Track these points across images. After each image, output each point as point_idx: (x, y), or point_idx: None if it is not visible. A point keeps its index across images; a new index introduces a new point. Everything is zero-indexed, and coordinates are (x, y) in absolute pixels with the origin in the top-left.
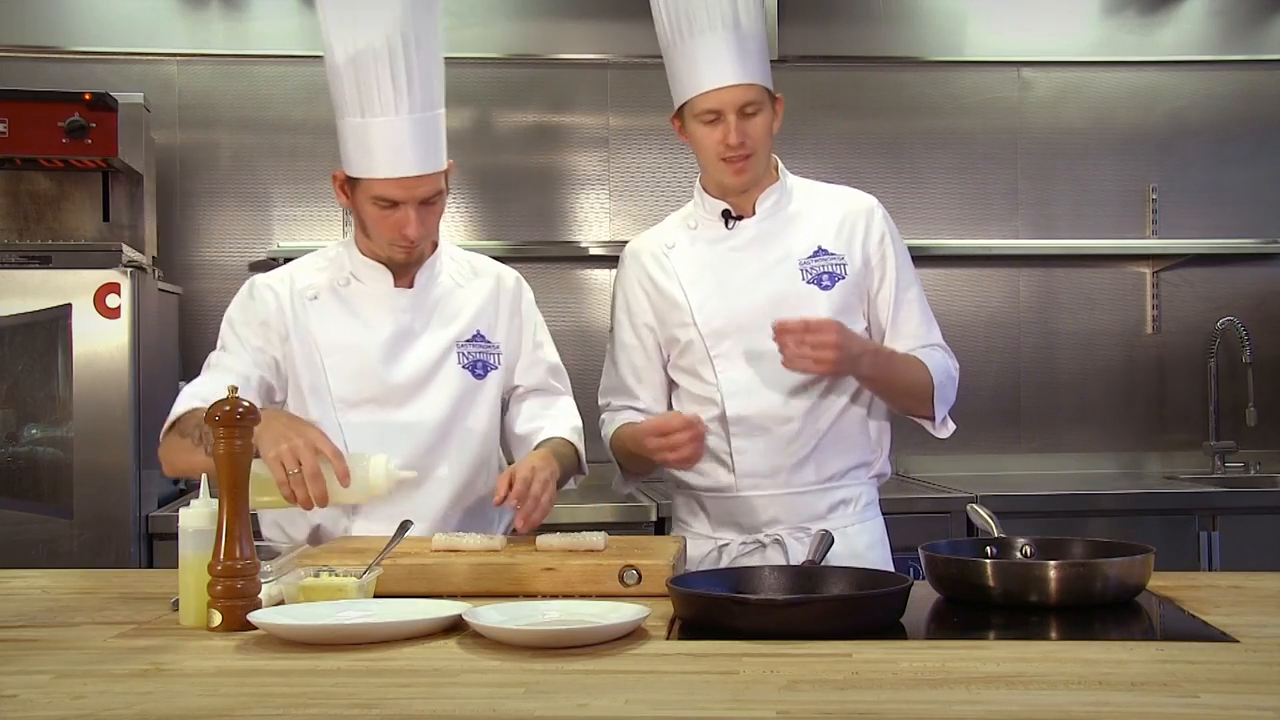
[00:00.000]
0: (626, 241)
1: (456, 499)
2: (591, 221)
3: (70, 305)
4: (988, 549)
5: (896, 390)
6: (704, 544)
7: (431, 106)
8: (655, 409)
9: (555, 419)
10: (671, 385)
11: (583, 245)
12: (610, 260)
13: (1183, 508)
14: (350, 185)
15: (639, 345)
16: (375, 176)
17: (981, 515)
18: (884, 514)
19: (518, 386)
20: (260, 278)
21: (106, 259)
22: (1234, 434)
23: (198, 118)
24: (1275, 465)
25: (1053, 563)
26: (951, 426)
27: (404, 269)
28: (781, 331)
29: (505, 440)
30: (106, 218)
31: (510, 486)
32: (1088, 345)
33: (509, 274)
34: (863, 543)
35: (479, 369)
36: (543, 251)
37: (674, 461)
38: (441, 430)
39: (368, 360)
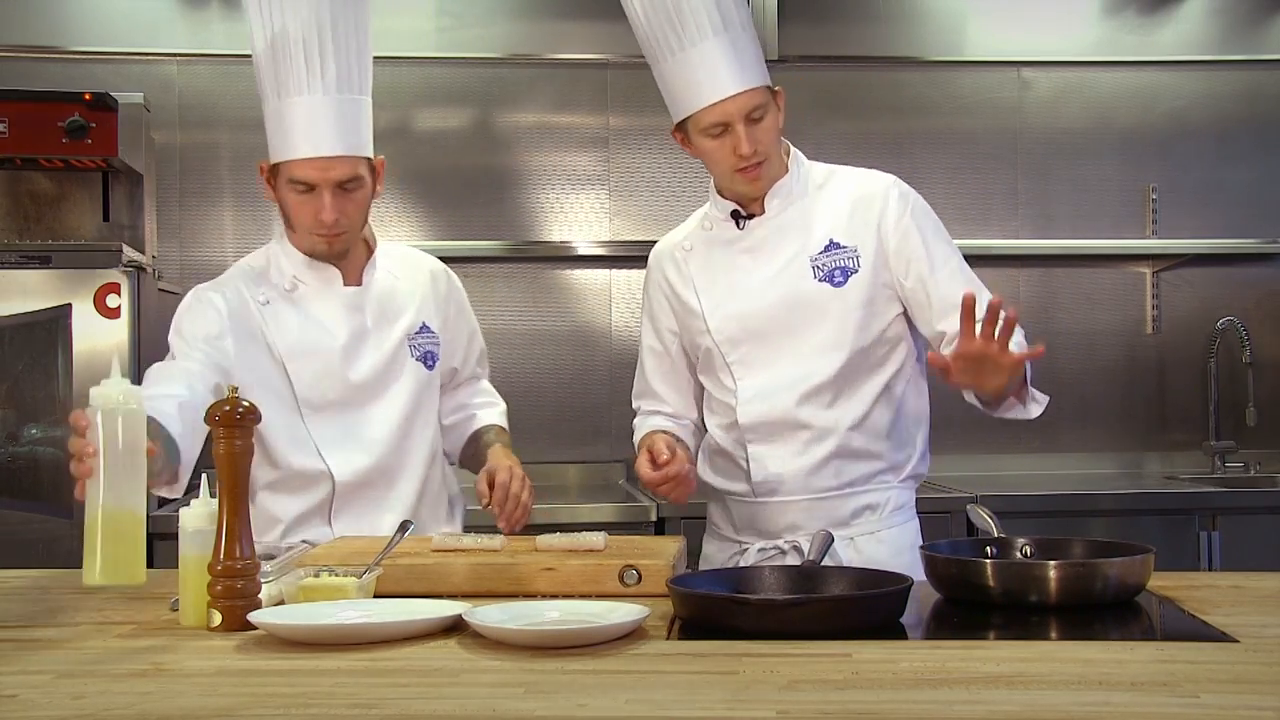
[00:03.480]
0: (626, 241)
1: (422, 491)
2: (591, 221)
3: (70, 305)
4: (988, 549)
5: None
6: (728, 547)
7: (351, 90)
8: (686, 413)
9: (484, 407)
10: (701, 388)
11: (583, 245)
12: (610, 260)
13: (1183, 508)
14: (274, 177)
15: (663, 350)
16: (290, 157)
17: (981, 515)
18: None
19: (457, 373)
20: (203, 288)
21: (106, 259)
22: (1234, 434)
23: (198, 118)
24: (1275, 465)
25: (1053, 563)
26: (1040, 400)
27: (350, 267)
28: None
29: None
30: (106, 218)
31: (491, 489)
32: (1088, 345)
33: (436, 264)
34: (886, 551)
35: (429, 360)
36: (543, 251)
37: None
38: (407, 424)
39: (329, 363)
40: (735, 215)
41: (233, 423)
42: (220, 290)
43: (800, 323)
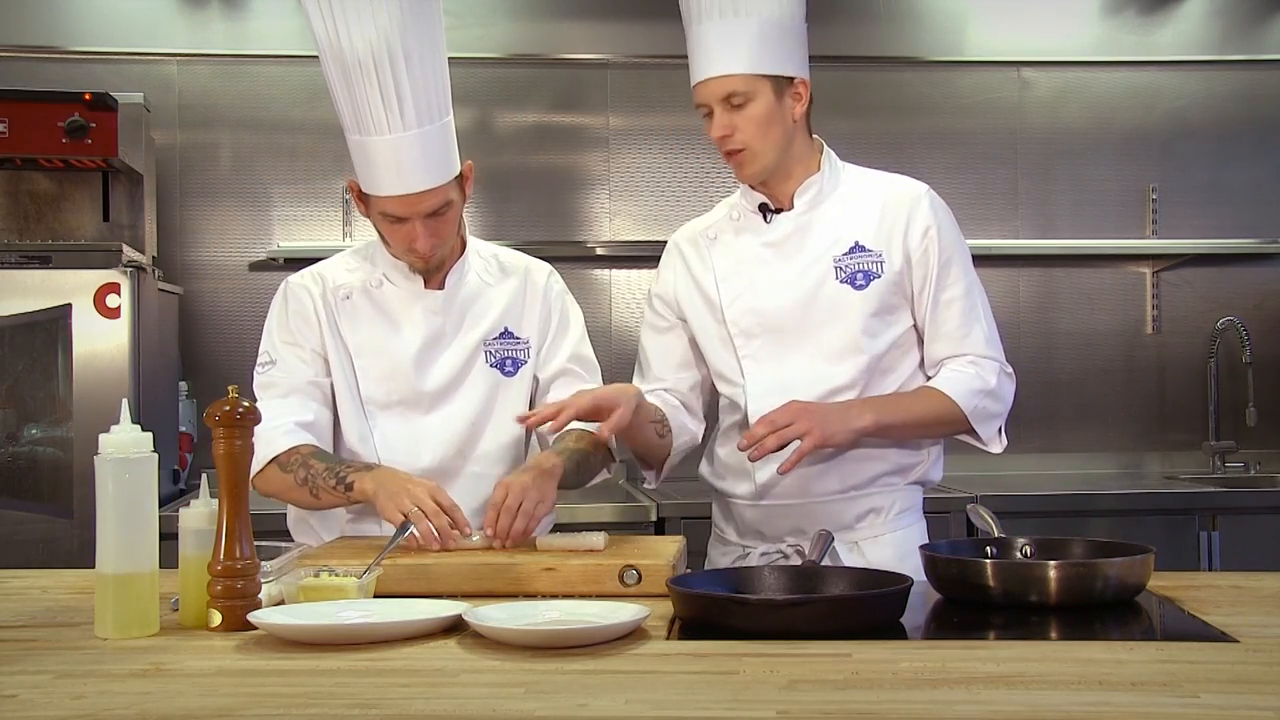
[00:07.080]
0: (626, 241)
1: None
2: (592, 221)
3: (70, 305)
4: (988, 549)
5: (919, 430)
6: (732, 551)
7: (431, 119)
8: (691, 399)
9: None
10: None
11: (583, 245)
12: (610, 260)
13: (1183, 508)
14: (364, 196)
15: (670, 327)
16: (378, 194)
17: (981, 515)
18: None
19: (539, 378)
20: (293, 279)
21: (106, 259)
22: (1234, 434)
23: (198, 118)
24: (1275, 465)
25: (1053, 563)
26: (1004, 440)
27: (432, 271)
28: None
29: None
30: (106, 218)
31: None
32: (1088, 345)
33: (539, 267)
34: (893, 553)
35: (508, 366)
36: (543, 251)
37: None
38: (471, 429)
39: (399, 365)
40: (763, 208)
41: (233, 423)
42: (306, 280)
43: (817, 323)
